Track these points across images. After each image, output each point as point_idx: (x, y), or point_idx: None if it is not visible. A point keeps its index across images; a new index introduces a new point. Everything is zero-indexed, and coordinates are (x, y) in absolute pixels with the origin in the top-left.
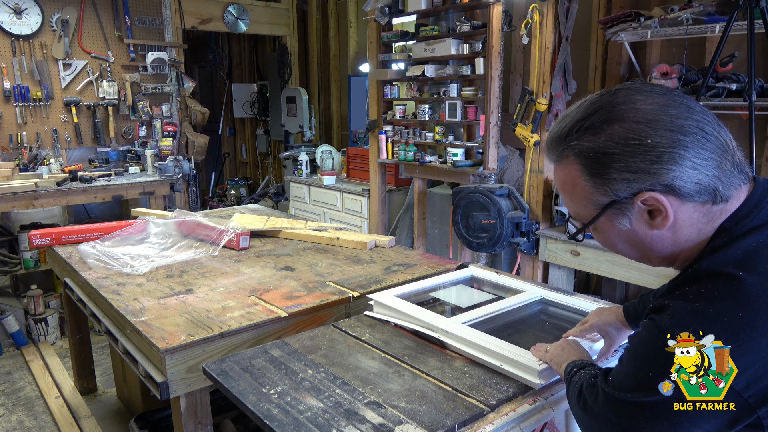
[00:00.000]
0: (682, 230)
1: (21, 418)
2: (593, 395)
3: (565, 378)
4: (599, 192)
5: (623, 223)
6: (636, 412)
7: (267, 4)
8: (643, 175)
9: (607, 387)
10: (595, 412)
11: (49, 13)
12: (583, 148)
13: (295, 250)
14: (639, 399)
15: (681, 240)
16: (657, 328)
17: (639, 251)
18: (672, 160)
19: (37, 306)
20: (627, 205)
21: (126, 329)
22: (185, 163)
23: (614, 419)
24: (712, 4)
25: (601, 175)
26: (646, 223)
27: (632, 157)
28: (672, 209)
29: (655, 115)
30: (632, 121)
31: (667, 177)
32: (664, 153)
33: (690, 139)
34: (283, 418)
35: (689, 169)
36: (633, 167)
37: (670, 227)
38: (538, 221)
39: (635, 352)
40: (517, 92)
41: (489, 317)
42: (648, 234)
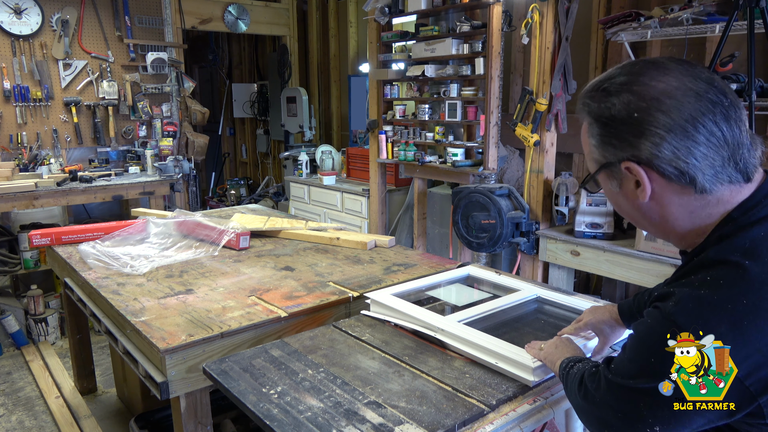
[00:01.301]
0: (670, 208)
1: (21, 418)
2: (595, 383)
3: (561, 373)
4: (597, 151)
5: (614, 185)
6: (638, 398)
7: (267, 4)
8: (626, 145)
9: (609, 374)
10: (597, 400)
11: (49, 13)
12: (591, 109)
13: (295, 250)
14: (642, 385)
15: (671, 217)
16: (661, 314)
17: (633, 217)
18: (652, 139)
19: (37, 306)
20: (616, 170)
21: (126, 329)
22: (185, 163)
23: (616, 406)
24: (712, 4)
25: (598, 136)
26: (632, 192)
27: (620, 126)
28: (650, 184)
29: (656, 96)
30: (635, 95)
31: (645, 152)
32: (646, 130)
33: (677, 125)
34: (283, 418)
35: (667, 151)
36: (619, 136)
37: (656, 202)
38: (538, 221)
39: (639, 339)
40: (517, 92)
41: (485, 315)
42: (635, 202)
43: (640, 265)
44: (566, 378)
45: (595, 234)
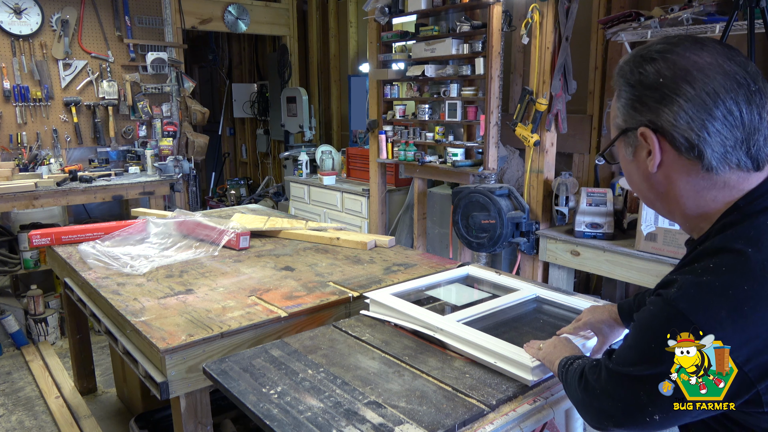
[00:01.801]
0: (677, 184)
1: (21, 418)
2: (596, 374)
3: (561, 371)
4: (620, 116)
5: (628, 152)
6: (638, 386)
7: (267, 4)
8: (646, 110)
9: (610, 363)
10: (597, 391)
11: (49, 13)
12: (624, 73)
13: (295, 250)
14: (642, 372)
15: (677, 194)
16: (663, 301)
17: (642, 189)
18: (671, 107)
19: (37, 306)
20: (632, 137)
21: (126, 329)
22: (185, 163)
23: (616, 395)
24: (712, 4)
25: (624, 99)
26: (642, 161)
27: (646, 91)
28: (660, 154)
29: (686, 66)
30: (667, 63)
31: (662, 119)
32: (667, 97)
33: (694, 100)
34: (283, 418)
35: (683, 120)
36: (642, 101)
37: (664, 174)
38: (538, 221)
39: (641, 326)
40: (517, 92)
41: (484, 315)
42: (645, 173)
43: (640, 265)
44: (566, 374)
45: (595, 234)
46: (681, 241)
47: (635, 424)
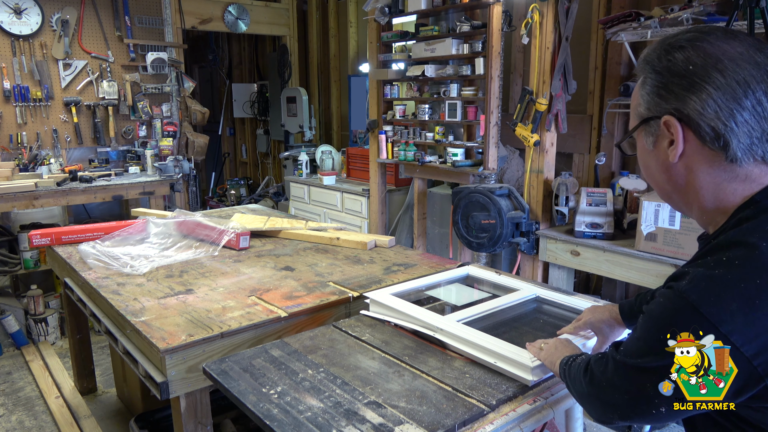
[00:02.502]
0: (697, 175)
1: (21, 418)
2: (602, 366)
3: (563, 368)
4: (644, 104)
5: (648, 142)
6: (645, 378)
7: (267, 4)
8: (672, 98)
9: (617, 355)
10: (603, 383)
11: (49, 13)
12: (651, 60)
13: (295, 250)
14: (650, 364)
15: (697, 185)
16: (674, 293)
17: (659, 181)
18: (699, 94)
19: (37, 306)
20: (654, 126)
21: (126, 329)
22: (185, 163)
23: (623, 386)
24: (712, 4)
25: (650, 86)
26: (663, 151)
27: (674, 78)
28: (683, 143)
29: (717, 55)
30: (697, 51)
31: (689, 107)
32: (696, 84)
33: (724, 88)
34: (283, 418)
35: (711, 109)
36: (669, 88)
37: (685, 165)
38: (538, 221)
39: (650, 317)
40: (517, 92)
41: (484, 315)
42: (665, 163)
43: (640, 265)
44: (569, 370)
45: (595, 234)
46: (681, 241)
47: (641, 415)
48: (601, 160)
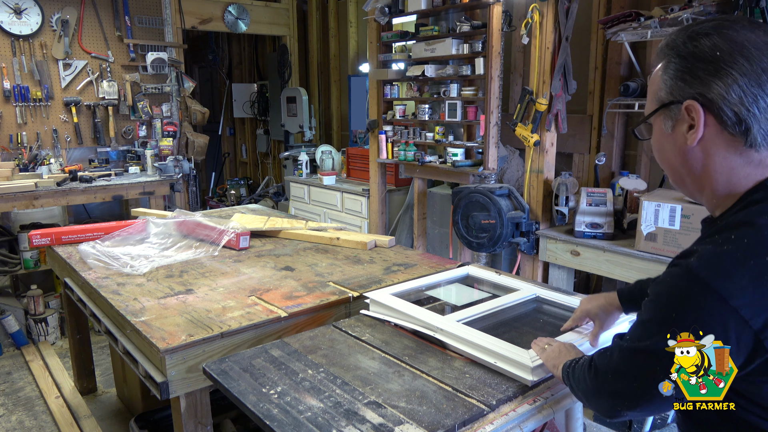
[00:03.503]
0: (714, 159)
1: (21, 418)
2: (606, 359)
3: (566, 372)
4: (666, 88)
5: (667, 126)
6: (654, 360)
7: (267, 4)
8: (697, 82)
9: (623, 342)
10: (609, 374)
11: (49, 13)
12: (676, 45)
13: (295, 250)
14: (660, 344)
15: (711, 169)
16: (683, 270)
17: (673, 164)
18: (725, 79)
19: (37, 306)
20: (675, 110)
21: (126, 329)
22: (185, 163)
23: (629, 372)
24: (712, 4)
25: (673, 71)
26: (682, 135)
27: (699, 63)
28: (704, 126)
29: (742, 42)
30: (723, 38)
31: (713, 92)
32: (722, 70)
33: (749, 74)
34: (283, 418)
35: (735, 94)
36: (693, 73)
37: (702, 149)
38: (538, 221)
39: (658, 297)
40: (517, 92)
41: (484, 315)
42: (682, 147)
43: (640, 265)
44: (572, 372)
45: (595, 234)
46: (681, 241)
47: (650, 402)
48: (601, 160)
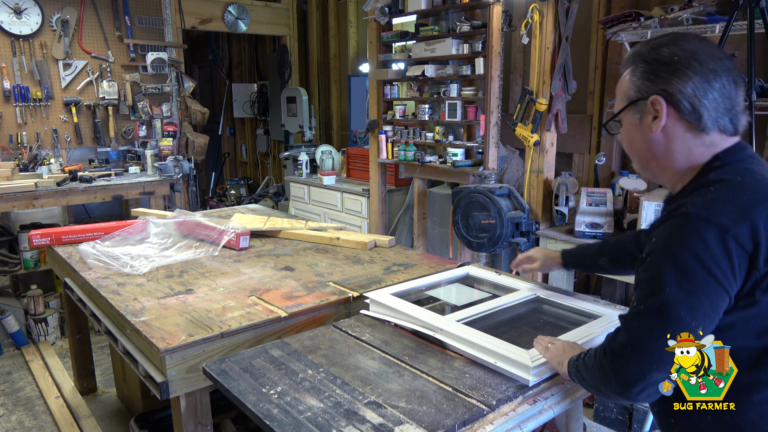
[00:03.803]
0: (674, 143)
1: (21, 418)
2: (614, 335)
3: (574, 365)
4: (633, 87)
5: (635, 118)
6: (668, 313)
7: (267, 4)
8: (660, 81)
9: (632, 310)
10: (622, 348)
11: (49, 13)
12: (641, 53)
13: (295, 250)
14: (672, 295)
15: (672, 151)
16: (680, 219)
17: (640, 150)
18: (682, 77)
19: (37, 306)
20: (642, 105)
21: (126, 329)
22: (185, 163)
23: (642, 336)
24: (712, 4)
25: (641, 72)
26: (648, 125)
27: (661, 66)
28: (665, 117)
29: (694, 50)
30: (678, 47)
31: (673, 87)
32: (679, 70)
33: (701, 74)
34: (283, 418)
35: (690, 89)
36: (657, 74)
37: (665, 135)
38: (538, 221)
39: (663, 249)
40: (517, 92)
41: (484, 315)
42: (648, 135)
43: None
44: (582, 364)
45: (595, 234)
46: None
47: (665, 363)
48: (601, 160)
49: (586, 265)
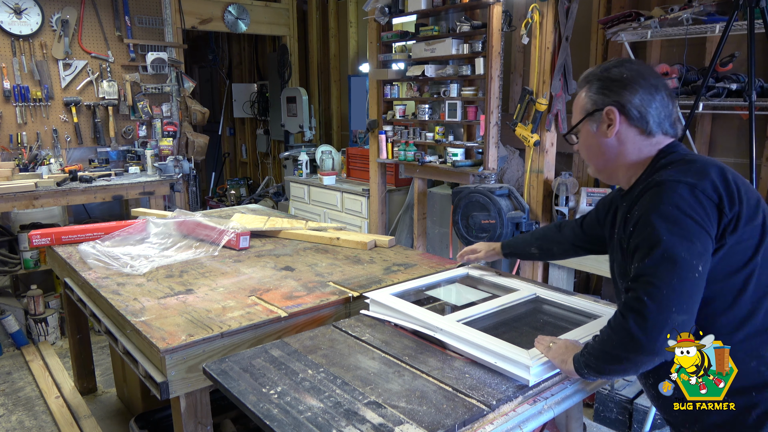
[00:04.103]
0: (626, 145)
1: (21, 418)
2: (626, 301)
3: (583, 357)
4: (590, 102)
5: (593, 127)
6: (680, 267)
7: (267, 4)
8: (613, 94)
9: (637, 270)
10: (641, 303)
11: (49, 13)
12: (595, 73)
13: (295, 250)
14: (679, 252)
15: (625, 153)
16: (664, 184)
17: (596, 154)
18: (631, 90)
19: (37, 306)
20: (598, 115)
21: (126, 329)
22: (185, 163)
23: (653, 281)
24: (712, 4)
25: (595, 89)
26: (603, 133)
27: (613, 82)
28: (619, 124)
29: (637, 69)
30: (625, 68)
31: (624, 98)
32: (628, 85)
33: (645, 88)
34: (283, 418)
35: (638, 100)
36: (610, 88)
37: (618, 140)
38: (538, 221)
39: (658, 215)
40: (517, 92)
41: (484, 315)
42: (603, 140)
43: None
44: (590, 349)
45: None
46: None
47: (682, 304)
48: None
49: (520, 253)
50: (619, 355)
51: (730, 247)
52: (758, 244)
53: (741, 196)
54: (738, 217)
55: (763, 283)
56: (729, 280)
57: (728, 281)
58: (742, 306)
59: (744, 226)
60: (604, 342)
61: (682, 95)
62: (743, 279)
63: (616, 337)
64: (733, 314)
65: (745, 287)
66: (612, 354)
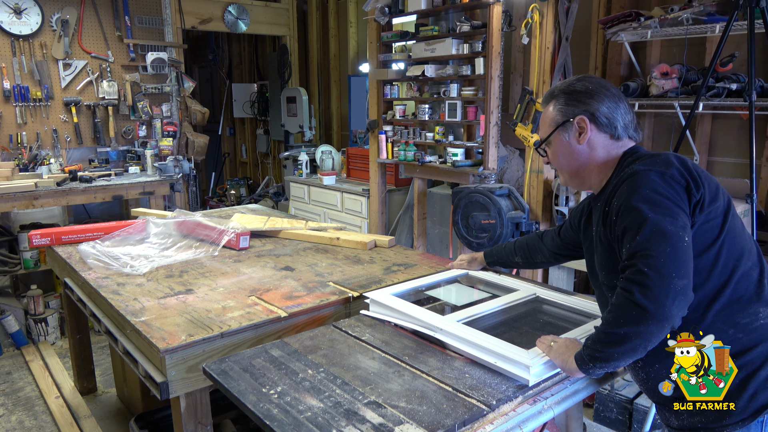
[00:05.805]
0: (596, 150)
1: (21, 418)
2: (625, 278)
3: (585, 350)
4: (560, 114)
5: (565, 136)
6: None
7: (267, 4)
8: (581, 104)
9: (629, 250)
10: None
11: (49, 13)
12: (562, 89)
13: (295, 250)
14: (667, 227)
15: (595, 157)
16: (628, 176)
17: (569, 161)
18: (598, 99)
19: (37, 306)
20: (569, 125)
21: (126, 329)
22: (185, 163)
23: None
24: (712, 4)
25: (563, 102)
26: (576, 139)
27: (580, 95)
28: (590, 131)
29: (600, 83)
30: (589, 82)
31: (593, 107)
32: (594, 95)
33: (609, 98)
34: (283, 418)
35: (605, 108)
36: (578, 99)
37: (589, 146)
38: (538, 221)
39: (625, 199)
40: (517, 92)
41: (484, 315)
42: (576, 147)
43: None
44: (593, 337)
45: None
46: None
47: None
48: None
49: (503, 262)
50: (628, 332)
51: (699, 225)
52: (723, 222)
53: (703, 180)
54: (703, 199)
55: (732, 257)
56: (702, 257)
57: (701, 258)
58: (715, 279)
59: (708, 206)
60: (609, 323)
61: (682, 95)
62: (714, 254)
63: (623, 312)
64: (709, 287)
65: (716, 262)
66: (620, 334)
